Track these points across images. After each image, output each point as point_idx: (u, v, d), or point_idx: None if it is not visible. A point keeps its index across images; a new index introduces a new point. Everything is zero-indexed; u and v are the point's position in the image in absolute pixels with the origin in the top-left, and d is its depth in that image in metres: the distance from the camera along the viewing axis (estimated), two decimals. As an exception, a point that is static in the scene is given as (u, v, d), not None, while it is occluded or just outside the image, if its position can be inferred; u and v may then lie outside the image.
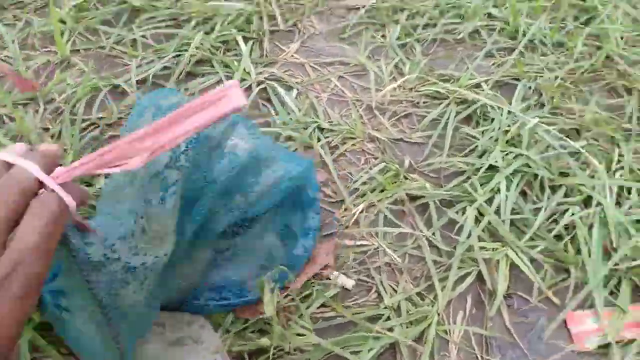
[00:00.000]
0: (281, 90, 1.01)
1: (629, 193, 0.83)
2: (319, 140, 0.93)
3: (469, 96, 0.99)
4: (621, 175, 0.85)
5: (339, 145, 0.94)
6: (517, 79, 1.05)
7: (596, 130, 0.94)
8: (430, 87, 1.03)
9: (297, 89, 1.03)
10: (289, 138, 0.93)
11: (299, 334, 0.68)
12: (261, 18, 1.17)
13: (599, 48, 1.11)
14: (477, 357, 0.69)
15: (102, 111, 0.95)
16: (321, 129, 0.96)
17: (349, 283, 0.75)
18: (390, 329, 0.69)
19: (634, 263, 0.74)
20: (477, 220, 0.81)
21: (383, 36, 1.17)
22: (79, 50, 1.09)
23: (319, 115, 0.98)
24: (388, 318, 0.71)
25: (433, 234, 0.81)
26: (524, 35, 1.14)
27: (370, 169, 0.90)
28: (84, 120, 0.92)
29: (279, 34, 1.16)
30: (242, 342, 0.67)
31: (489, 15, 1.20)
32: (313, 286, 0.73)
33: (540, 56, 1.12)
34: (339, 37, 1.17)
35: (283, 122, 0.95)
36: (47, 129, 0.90)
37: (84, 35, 1.12)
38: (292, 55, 1.11)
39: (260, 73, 1.05)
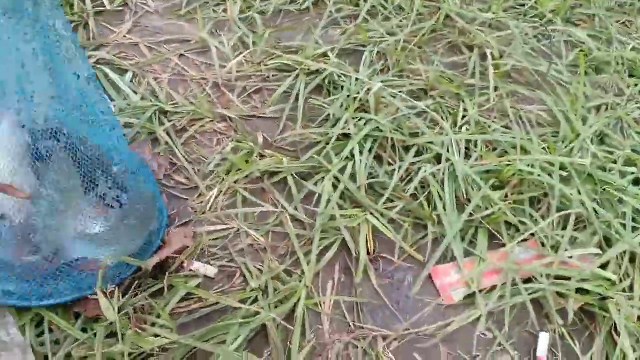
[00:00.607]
0: (114, 75, 0.92)
1: (476, 146, 0.86)
2: (162, 124, 0.86)
3: (317, 67, 0.97)
4: (467, 130, 0.89)
5: (187, 128, 0.88)
6: (363, 46, 1.05)
7: (442, 89, 0.97)
8: (278, 60, 1.00)
9: (133, 72, 0.94)
10: (128, 125, 0.85)
11: (156, 335, 0.62)
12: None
13: (439, 9, 1.14)
14: (349, 324, 0.67)
15: None
16: (164, 112, 0.89)
17: (211, 271, 0.70)
18: (258, 313, 0.65)
19: (486, 212, 0.76)
20: (335, 188, 0.79)
21: (225, 11, 1.11)
22: None
23: (160, 98, 0.91)
24: (256, 300, 0.68)
25: (295, 208, 0.79)
26: (366, 1, 1.15)
27: (223, 149, 0.85)
28: None
29: (107, 15, 1.06)
30: (90, 351, 0.60)
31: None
32: (170, 279, 0.68)
33: (383, 21, 1.13)
34: (176, 14, 1.09)
35: (119, 109, 0.87)
36: None
37: None
38: (125, 36, 1.02)
39: (89, 57, 0.95)
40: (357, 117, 0.88)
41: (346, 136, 0.87)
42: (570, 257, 0.73)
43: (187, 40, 1.03)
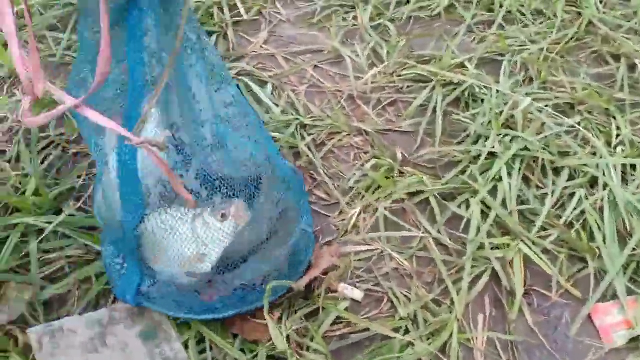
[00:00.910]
0: (255, 87, 0.94)
1: (634, 170, 0.80)
2: (303, 138, 0.87)
3: (454, 78, 0.94)
4: (623, 151, 0.82)
5: (325, 142, 0.88)
6: (501, 55, 1.01)
7: (590, 104, 0.90)
8: (412, 70, 0.98)
9: (272, 84, 0.95)
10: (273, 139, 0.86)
11: (314, 361, 0.62)
12: (222, 9, 1.08)
13: (579, 14, 1.07)
14: (503, 362, 0.65)
15: (60, 127, 0.85)
16: (304, 126, 0.89)
17: (358, 294, 0.70)
18: (411, 343, 0.64)
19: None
20: (483, 213, 0.76)
21: (355, 18, 1.10)
22: (24, 58, 0.98)
23: (300, 111, 0.91)
24: (406, 330, 0.67)
25: (438, 231, 0.76)
26: (501, 6, 1.09)
27: (362, 165, 0.84)
28: (41, 139, 0.83)
29: (243, 24, 1.08)
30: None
31: (462, -13, 1.15)
32: (318, 300, 0.68)
33: (522, 27, 1.07)
34: (308, 22, 1.09)
35: (264, 123, 0.88)
36: (2, 152, 0.81)
37: (28, 41, 1.01)
38: (261, 47, 1.03)
39: (230, 69, 0.97)
40: (501, 134, 0.85)
41: (490, 154, 0.84)
42: None
43: (321, 50, 1.03)
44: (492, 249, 0.73)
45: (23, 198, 0.72)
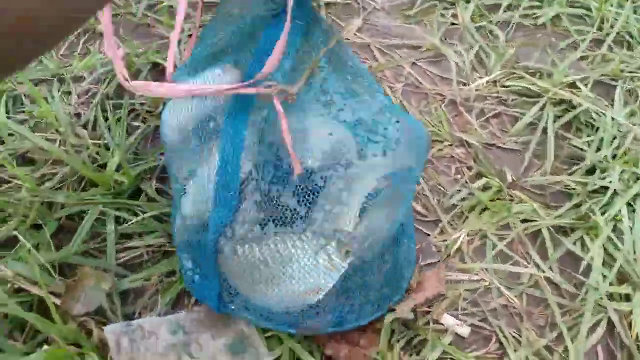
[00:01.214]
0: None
1: None
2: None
3: (569, 98, 0.86)
4: None
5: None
6: (614, 79, 0.92)
7: None
8: (519, 82, 0.90)
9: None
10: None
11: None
12: (316, -14, 1.00)
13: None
14: None
15: (141, 96, 0.77)
16: (401, 128, 0.81)
17: (465, 330, 0.62)
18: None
19: None
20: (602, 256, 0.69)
21: (454, 16, 1.01)
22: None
23: (398, 111, 0.83)
24: (518, 378, 0.59)
25: (550, 268, 0.69)
26: (612, 27, 1.01)
27: (467, 182, 0.76)
28: (117, 107, 0.75)
29: (336, 8, 1.00)
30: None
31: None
32: (423, 331, 0.61)
33: (627, 51, 0.99)
34: (403, 14, 1.01)
35: (357, 118, 0.80)
36: (78, 115, 0.73)
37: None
38: (355, 34, 0.95)
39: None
40: (623, 170, 0.77)
41: (604, 188, 0.76)
42: None
43: (418, 46, 0.95)
44: (607, 296, 0.66)
45: (103, 173, 0.64)
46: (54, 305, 0.53)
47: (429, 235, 0.71)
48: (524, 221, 0.73)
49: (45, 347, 0.50)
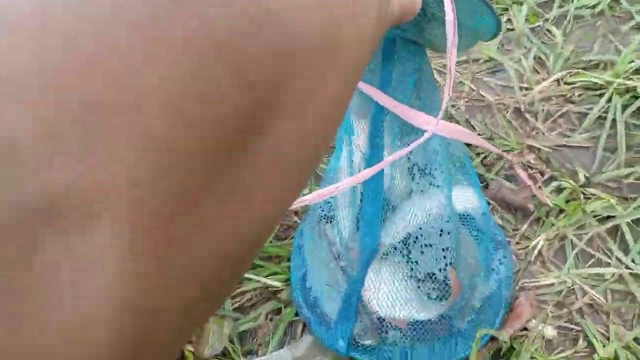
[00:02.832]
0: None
1: None
2: (471, 159, 0.84)
3: (635, 85, 0.86)
4: None
5: (494, 162, 0.84)
6: (683, 57, 0.91)
7: None
8: (582, 77, 0.91)
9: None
10: (439, 161, 0.84)
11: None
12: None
13: None
14: None
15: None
16: (468, 145, 0.85)
17: (551, 332, 0.66)
18: (620, 391, 0.60)
19: None
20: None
21: (509, 21, 1.04)
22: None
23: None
24: (609, 374, 0.63)
25: (632, 260, 0.71)
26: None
27: (540, 187, 0.79)
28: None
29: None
30: None
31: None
32: (510, 339, 0.65)
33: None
34: (459, 28, 1.05)
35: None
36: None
37: None
38: (414, 58, 1.00)
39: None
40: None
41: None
42: None
43: (476, 59, 0.99)
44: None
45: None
46: (190, 352, 0.64)
47: (509, 242, 0.75)
48: (602, 219, 0.75)
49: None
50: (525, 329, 0.67)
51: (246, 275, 0.71)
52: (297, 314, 0.70)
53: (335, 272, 0.63)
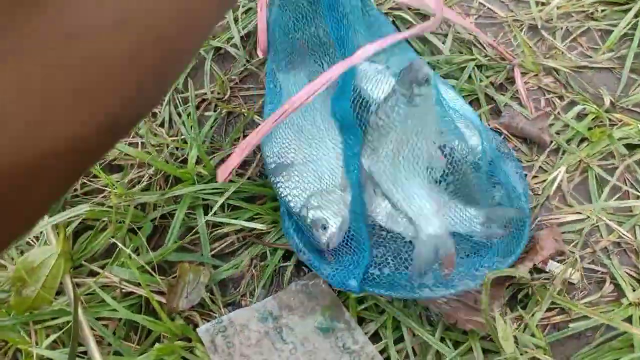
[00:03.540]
0: (415, 22, 0.80)
1: None
2: (480, 81, 0.74)
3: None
4: None
5: (506, 86, 0.74)
6: None
7: None
8: (606, -11, 0.80)
9: (434, 16, 0.81)
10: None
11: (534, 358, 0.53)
12: None
13: None
14: None
15: (209, 84, 0.77)
16: (479, 66, 0.75)
17: (575, 275, 0.58)
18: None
19: None
20: None
21: None
22: None
23: (472, 49, 0.77)
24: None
25: (665, 193, 0.62)
26: None
27: (559, 113, 0.70)
28: (186, 101, 0.75)
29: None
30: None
31: None
32: (528, 284, 0.57)
33: None
34: (466, -63, 0.93)
35: (429, 64, 0.75)
36: (154, 115, 0.74)
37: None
38: (416, -28, 0.89)
39: (380, 4, 0.84)
40: None
41: None
42: None
43: (486, -29, 0.87)
44: None
45: (185, 168, 0.66)
46: (159, 303, 0.56)
47: (524, 176, 0.66)
48: (629, 146, 0.66)
49: (157, 344, 0.53)
50: (546, 271, 0.59)
51: (225, 219, 0.63)
52: (284, 258, 0.62)
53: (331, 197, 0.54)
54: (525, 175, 0.66)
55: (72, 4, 0.18)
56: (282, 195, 0.57)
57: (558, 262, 0.59)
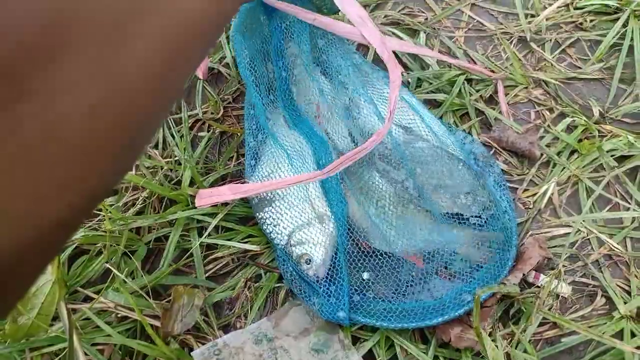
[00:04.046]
0: (406, 38, 0.81)
1: None
2: (470, 95, 0.74)
3: (654, 5, 0.76)
4: None
5: (497, 99, 0.74)
6: None
7: None
8: (594, 0, 0.80)
9: (425, 31, 0.82)
10: (434, 102, 0.74)
11: (526, 375, 0.53)
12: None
13: None
14: None
15: (202, 104, 0.78)
16: (468, 80, 0.76)
17: (566, 289, 0.59)
18: (642, 350, 0.53)
19: None
20: None
21: (510, -61, 0.92)
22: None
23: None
24: (632, 334, 0.55)
25: (655, 205, 0.63)
26: None
27: (549, 126, 0.70)
28: (178, 122, 0.76)
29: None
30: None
31: None
32: (519, 299, 0.58)
33: None
34: (454, -49, 0.93)
35: (417, 80, 0.76)
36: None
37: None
38: (405, -14, 0.90)
39: (374, 18, 0.85)
40: None
41: None
42: None
43: (475, -16, 0.88)
44: None
45: (179, 191, 0.66)
46: (155, 327, 0.56)
47: (515, 189, 0.67)
48: (619, 158, 0.66)
49: (152, 369, 0.54)
50: (537, 286, 0.59)
51: (219, 240, 0.63)
52: (279, 279, 0.62)
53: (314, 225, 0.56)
54: (516, 189, 0.67)
55: (52, 93, 0.20)
56: (267, 232, 0.59)
57: (549, 275, 0.59)
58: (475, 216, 0.58)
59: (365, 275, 0.56)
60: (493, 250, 0.57)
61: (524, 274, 0.57)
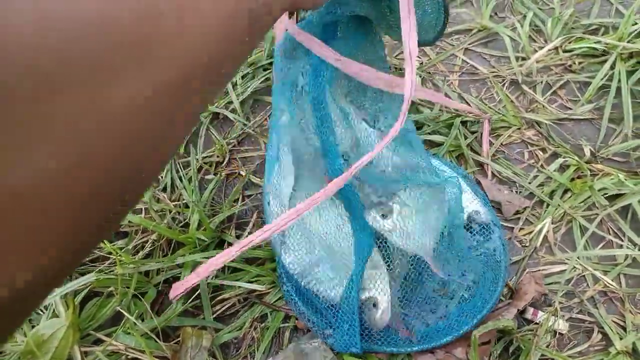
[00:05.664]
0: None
1: None
2: (465, 137, 0.77)
3: (638, 48, 0.80)
4: None
5: (492, 140, 0.77)
6: (690, 15, 0.84)
7: None
8: (582, 43, 0.84)
9: (420, 76, 0.86)
10: (431, 143, 0.77)
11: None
12: None
13: None
14: None
15: (208, 149, 0.81)
16: (463, 123, 0.79)
17: (562, 325, 0.61)
18: (642, 389, 0.55)
19: None
20: None
21: (501, -14, 0.97)
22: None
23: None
24: (628, 369, 0.57)
25: (646, 242, 0.65)
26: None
27: (542, 166, 0.73)
28: (186, 165, 0.79)
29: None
30: None
31: None
32: (518, 336, 0.60)
33: None
34: (447, -3, 0.98)
35: (416, 123, 0.79)
36: (157, 180, 0.78)
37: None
38: (401, 32, 0.93)
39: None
40: None
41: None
42: None
43: (468, 29, 0.92)
44: None
45: (187, 233, 0.69)
46: (165, 369, 0.58)
47: (512, 228, 0.69)
48: (611, 197, 0.69)
49: (164, 411, 0.55)
50: (535, 322, 0.61)
51: (226, 281, 0.66)
52: (285, 319, 0.64)
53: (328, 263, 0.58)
54: (512, 228, 0.69)
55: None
56: (317, 291, 0.60)
57: (547, 312, 0.61)
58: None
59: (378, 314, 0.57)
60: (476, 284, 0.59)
61: (518, 310, 0.59)
